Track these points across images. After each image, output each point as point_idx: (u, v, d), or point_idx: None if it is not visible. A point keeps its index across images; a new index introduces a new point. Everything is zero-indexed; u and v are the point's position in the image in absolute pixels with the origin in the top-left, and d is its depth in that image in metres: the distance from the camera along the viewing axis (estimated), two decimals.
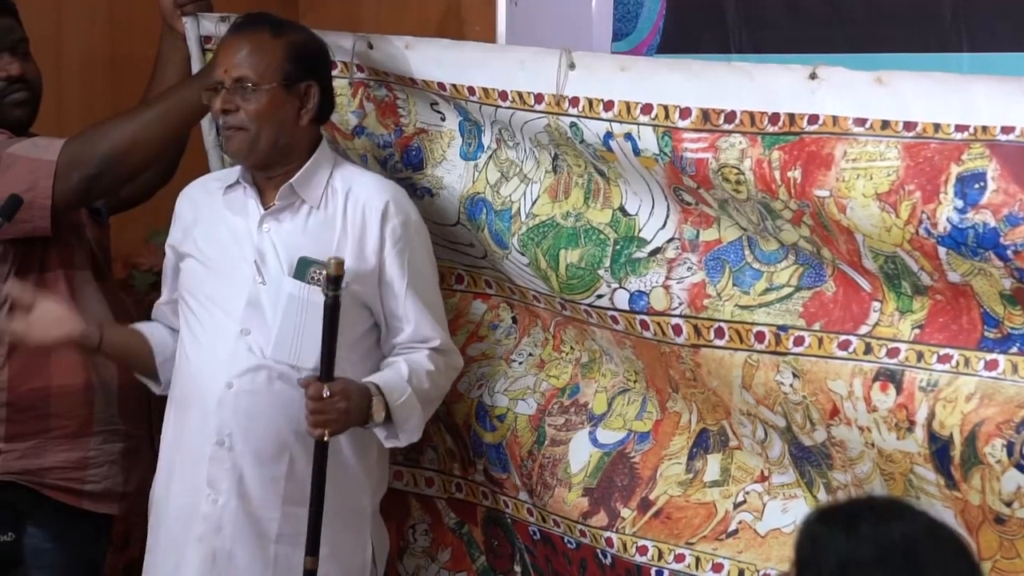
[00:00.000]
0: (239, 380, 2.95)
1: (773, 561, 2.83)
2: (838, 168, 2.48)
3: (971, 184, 2.35)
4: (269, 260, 2.98)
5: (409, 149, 3.18)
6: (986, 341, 2.47)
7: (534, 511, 3.15)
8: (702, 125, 2.62)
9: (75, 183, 3.17)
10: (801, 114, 2.52)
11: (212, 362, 2.98)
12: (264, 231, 2.99)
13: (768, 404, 2.74)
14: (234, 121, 2.93)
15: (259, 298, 2.96)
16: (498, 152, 3.06)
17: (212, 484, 2.97)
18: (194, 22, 3.34)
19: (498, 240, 3.06)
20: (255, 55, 2.94)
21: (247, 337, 2.96)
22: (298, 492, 2.94)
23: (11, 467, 3.23)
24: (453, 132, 3.11)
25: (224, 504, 2.97)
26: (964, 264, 2.41)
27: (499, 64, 2.90)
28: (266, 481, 2.97)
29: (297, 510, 2.94)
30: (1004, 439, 2.45)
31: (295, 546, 2.95)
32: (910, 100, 2.41)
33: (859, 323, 2.60)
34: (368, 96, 3.18)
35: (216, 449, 2.96)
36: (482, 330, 3.24)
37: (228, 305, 2.98)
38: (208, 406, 2.97)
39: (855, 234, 2.50)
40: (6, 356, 3.23)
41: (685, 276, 2.80)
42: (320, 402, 2.83)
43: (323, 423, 2.85)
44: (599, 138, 2.78)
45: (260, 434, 2.96)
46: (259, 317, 2.96)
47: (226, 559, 2.98)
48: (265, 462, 2.97)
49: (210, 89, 2.96)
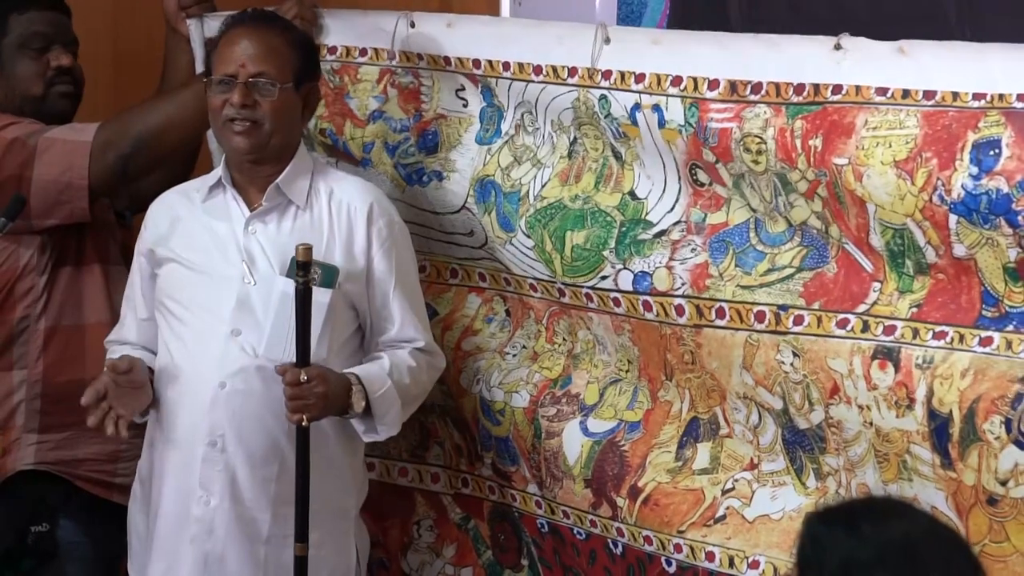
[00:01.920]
0: (232, 380, 2.94)
1: (761, 547, 2.82)
2: (858, 136, 2.55)
3: (986, 151, 2.43)
4: (258, 261, 2.98)
5: (426, 133, 3.24)
6: (983, 319, 2.52)
7: (543, 503, 3.15)
8: (729, 96, 2.71)
9: (110, 163, 3.21)
10: (826, 84, 2.60)
11: (203, 363, 2.96)
12: (250, 232, 3.00)
13: (767, 385, 2.77)
14: (252, 115, 2.93)
15: (249, 298, 2.96)
16: (515, 138, 3.13)
17: (204, 486, 2.94)
18: (198, 24, 3.38)
19: (505, 223, 3.12)
20: (273, 53, 2.96)
21: (238, 337, 2.95)
22: (288, 492, 2.92)
23: (46, 457, 3.24)
24: (473, 118, 3.18)
25: (216, 506, 2.94)
26: (973, 234, 2.47)
27: (538, 39, 2.99)
28: (257, 482, 2.95)
29: (287, 511, 2.92)
30: (1002, 415, 2.48)
31: (284, 547, 2.94)
32: (931, 69, 2.50)
33: (857, 302, 2.65)
34: (393, 82, 3.25)
35: (208, 450, 2.94)
36: (477, 324, 3.28)
37: (216, 307, 2.97)
38: (200, 407, 2.95)
39: (867, 204, 2.57)
40: (42, 347, 3.25)
41: (688, 257, 2.86)
42: (298, 387, 2.83)
43: (301, 408, 2.84)
44: (626, 111, 2.86)
45: (252, 434, 2.95)
46: (250, 317, 2.96)
47: (217, 561, 2.96)
48: (257, 463, 2.95)
49: (220, 82, 2.95)
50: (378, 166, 3.30)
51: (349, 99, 3.28)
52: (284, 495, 2.93)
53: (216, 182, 3.04)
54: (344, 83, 3.27)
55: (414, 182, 3.26)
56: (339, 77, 3.27)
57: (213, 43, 3.03)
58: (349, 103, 3.29)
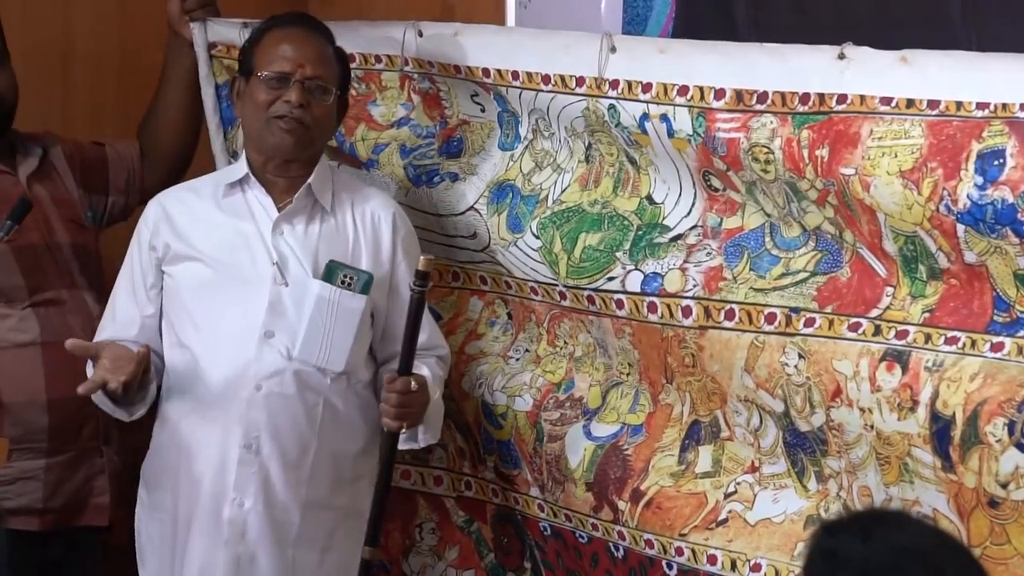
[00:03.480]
0: (267, 382, 2.96)
1: (763, 550, 2.86)
2: (864, 146, 2.59)
3: (991, 161, 2.46)
4: (289, 262, 3.00)
5: (451, 140, 3.29)
6: (994, 325, 2.55)
7: (545, 506, 3.18)
8: (735, 105, 2.75)
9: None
10: (830, 94, 2.64)
11: (236, 365, 2.96)
12: (278, 233, 3.02)
13: (768, 388, 2.81)
14: (303, 117, 2.95)
15: (281, 300, 2.98)
16: (534, 143, 3.17)
17: (239, 488, 2.96)
18: (201, 28, 3.41)
19: (514, 224, 3.16)
20: (328, 59, 3.02)
21: (271, 340, 2.97)
22: (316, 494, 2.99)
23: None
24: (493, 123, 3.22)
25: (250, 508, 2.97)
26: (981, 242, 2.51)
27: (545, 48, 3.03)
28: (290, 484, 2.99)
29: (315, 513, 2.99)
30: (1006, 418, 2.52)
31: (311, 550, 3.00)
32: (934, 78, 2.53)
33: (871, 307, 2.69)
34: (414, 88, 3.30)
35: (244, 453, 2.96)
36: (480, 327, 3.31)
37: (247, 308, 2.98)
38: (234, 410, 2.96)
39: (877, 213, 2.60)
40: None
41: (703, 260, 2.90)
42: (408, 396, 2.88)
43: (404, 416, 2.90)
44: (635, 120, 2.90)
45: (287, 437, 2.98)
46: (282, 319, 2.98)
47: (249, 563, 2.98)
48: (290, 465, 2.98)
49: (272, 79, 2.97)
50: (385, 167, 3.34)
51: (374, 105, 3.33)
52: (313, 497, 2.99)
53: (236, 180, 3.05)
54: (371, 90, 3.32)
55: (421, 183, 3.30)
56: (365, 84, 3.31)
57: (254, 40, 3.05)
58: (372, 109, 3.33)
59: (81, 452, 3.28)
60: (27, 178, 3.32)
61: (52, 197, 3.35)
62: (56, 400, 3.22)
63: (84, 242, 3.38)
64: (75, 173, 3.43)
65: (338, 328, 2.97)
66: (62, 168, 3.41)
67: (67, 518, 3.28)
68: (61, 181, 3.40)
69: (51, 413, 3.22)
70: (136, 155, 3.51)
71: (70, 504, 3.27)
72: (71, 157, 3.44)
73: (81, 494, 3.28)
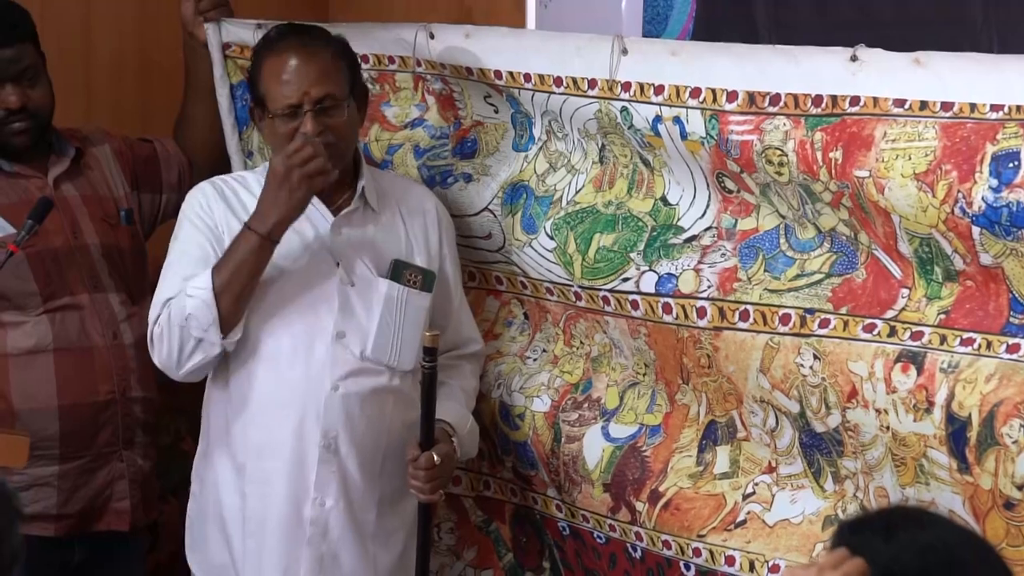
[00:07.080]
0: (344, 383, 3.00)
1: (781, 551, 2.86)
2: (878, 149, 2.58)
3: (1005, 163, 2.44)
4: (353, 262, 3.03)
5: (465, 141, 3.30)
6: (1010, 326, 2.54)
7: (563, 507, 3.19)
8: (748, 108, 2.74)
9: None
10: (843, 96, 2.62)
11: (311, 366, 3.00)
12: (337, 234, 3.03)
13: (784, 388, 2.81)
14: (327, 139, 2.94)
15: (349, 300, 3.02)
16: (548, 144, 3.17)
17: (320, 488, 3.01)
18: (216, 28, 3.41)
19: (529, 224, 3.17)
20: (329, 71, 2.98)
21: (343, 340, 3.00)
22: (389, 489, 3.06)
23: None
24: (506, 124, 3.23)
25: (332, 507, 3.01)
26: (997, 244, 2.50)
27: (556, 50, 3.02)
28: (366, 481, 3.04)
29: (389, 509, 3.07)
30: (1022, 419, 2.50)
31: (385, 546, 3.07)
32: (947, 80, 2.51)
33: (886, 308, 2.68)
34: (428, 90, 3.30)
35: (323, 452, 3.00)
36: (497, 327, 3.32)
37: (316, 308, 3.00)
38: (311, 410, 2.99)
39: (892, 215, 2.59)
40: None
41: (718, 261, 2.90)
42: (432, 470, 2.94)
43: (435, 489, 2.97)
44: (648, 122, 2.89)
45: (363, 435, 3.03)
46: (352, 319, 3.01)
47: (332, 561, 3.03)
48: (366, 463, 3.04)
49: (284, 115, 2.95)
50: (399, 168, 3.34)
51: (387, 106, 3.33)
52: (387, 492, 3.06)
53: None
54: (385, 91, 3.33)
55: (435, 184, 3.31)
56: (379, 85, 3.32)
57: (254, 70, 3.03)
58: (385, 110, 3.33)
59: (97, 457, 3.29)
60: (55, 179, 3.32)
61: (82, 196, 3.35)
62: (67, 406, 3.24)
63: (115, 242, 3.37)
64: (125, 171, 3.44)
65: (407, 326, 3.02)
66: (107, 166, 3.41)
67: (85, 523, 3.29)
68: (101, 178, 3.39)
69: (62, 420, 3.24)
70: (181, 152, 3.52)
71: (87, 509, 3.28)
72: (121, 154, 3.46)
73: (100, 499, 3.30)
